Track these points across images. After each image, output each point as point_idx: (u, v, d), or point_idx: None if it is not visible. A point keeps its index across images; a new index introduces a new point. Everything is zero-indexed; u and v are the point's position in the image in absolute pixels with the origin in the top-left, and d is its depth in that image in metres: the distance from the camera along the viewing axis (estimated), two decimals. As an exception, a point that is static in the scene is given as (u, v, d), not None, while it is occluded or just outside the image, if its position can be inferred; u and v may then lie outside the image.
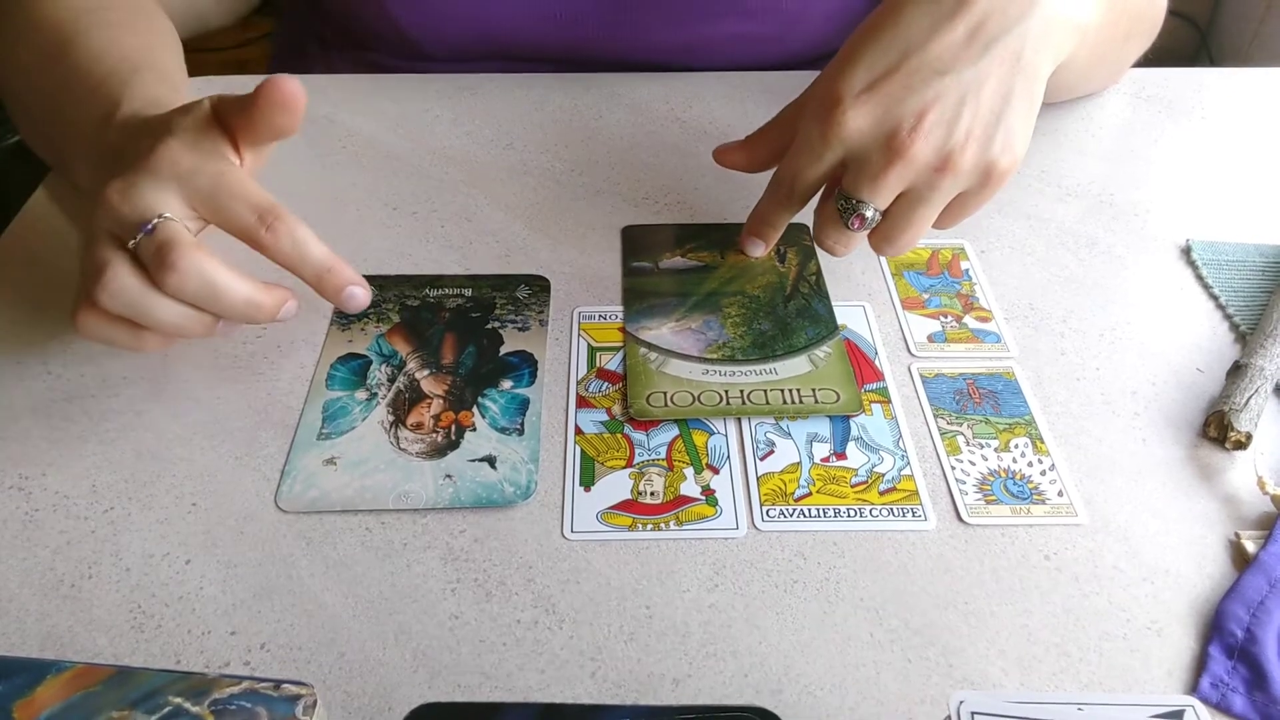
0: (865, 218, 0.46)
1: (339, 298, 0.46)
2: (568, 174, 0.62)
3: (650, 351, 0.50)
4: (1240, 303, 0.53)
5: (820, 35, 0.70)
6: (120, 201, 0.42)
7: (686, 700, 0.37)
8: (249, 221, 0.43)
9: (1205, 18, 1.62)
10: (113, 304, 0.42)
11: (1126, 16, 0.59)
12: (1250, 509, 0.44)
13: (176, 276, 0.41)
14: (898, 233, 0.47)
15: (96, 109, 0.49)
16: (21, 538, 0.42)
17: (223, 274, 0.42)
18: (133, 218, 0.42)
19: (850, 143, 0.45)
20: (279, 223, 0.43)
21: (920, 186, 0.45)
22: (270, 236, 0.43)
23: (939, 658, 0.38)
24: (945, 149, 0.44)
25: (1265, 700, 0.37)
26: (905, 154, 0.44)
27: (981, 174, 0.45)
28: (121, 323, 0.43)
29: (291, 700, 0.30)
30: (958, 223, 0.49)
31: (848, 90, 0.45)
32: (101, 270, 0.42)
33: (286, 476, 0.44)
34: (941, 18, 0.44)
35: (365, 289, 0.47)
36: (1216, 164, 0.64)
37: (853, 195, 0.46)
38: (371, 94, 0.69)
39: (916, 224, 0.47)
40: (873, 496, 0.44)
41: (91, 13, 0.56)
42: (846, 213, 0.47)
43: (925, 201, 0.46)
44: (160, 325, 0.43)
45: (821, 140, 0.46)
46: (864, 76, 0.44)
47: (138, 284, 0.42)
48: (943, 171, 0.44)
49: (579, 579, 0.41)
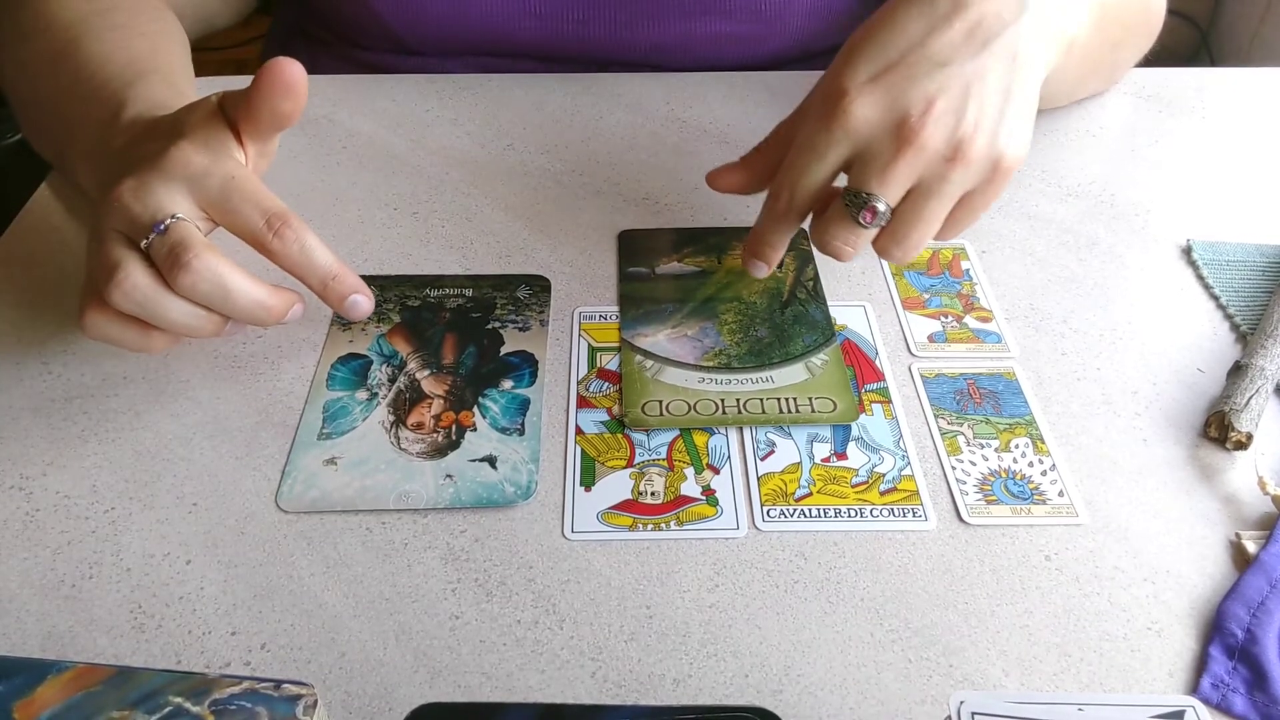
0: (877, 210, 0.44)
1: (342, 305, 0.46)
2: (568, 174, 0.62)
3: (645, 359, 0.50)
4: (1241, 303, 0.53)
5: (801, 33, 0.70)
6: (133, 201, 0.42)
7: (687, 700, 0.37)
8: (257, 226, 0.43)
9: (1205, 18, 1.62)
10: (125, 303, 0.42)
11: (1117, 25, 0.59)
12: (1251, 509, 0.44)
13: (190, 277, 0.41)
14: (907, 230, 0.45)
15: (101, 111, 0.50)
16: (22, 538, 0.42)
17: (235, 276, 0.43)
18: (145, 217, 0.42)
19: (858, 134, 0.44)
20: (287, 229, 0.44)
21: (930, 179, 0.44)
22: (278, 242, 0.44)
23: (939, 658, 0.38)
24: (955, 137, 0.43)
25: (1266, 701, 0.37)
26: (916, 140, 0.43)
27: (990, 166, 0.44)
28: (130, 322, 0.43)
29: (292, 700, 0.30)
30: (963, 228, 0.47)
31: (852, 83, 0.44)
32: (114, 270, 0.42)
33: (287, 476, 0.44)
34: (939, 19, 0.44)
35: (369, 298, 0.47)
36: (1217, 164, 0.64)
37: (862, 190, 0.44)
38: (371, 94, 0.69)
39: (927, 220, 0.45)
40: (873, 496, 0.44)
41: (98, 14, 0.56)
42: (856, 207, 0.45)
43: (935, 195, 0.44)
44: (171, 325, 0.43)
45: (826, 135, 0.44)
46: (867, 70, 0.44)
47: (150, 283, 0.42)
48: (953, 161, 0.43)
49: (579, 579, 0.41)
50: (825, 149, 0.45)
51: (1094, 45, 0.54)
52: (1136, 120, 0.68)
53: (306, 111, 0.66)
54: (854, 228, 0.45)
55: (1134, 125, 0.67)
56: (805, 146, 0.46)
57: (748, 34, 0.69)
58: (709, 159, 0.63)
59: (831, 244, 0.46)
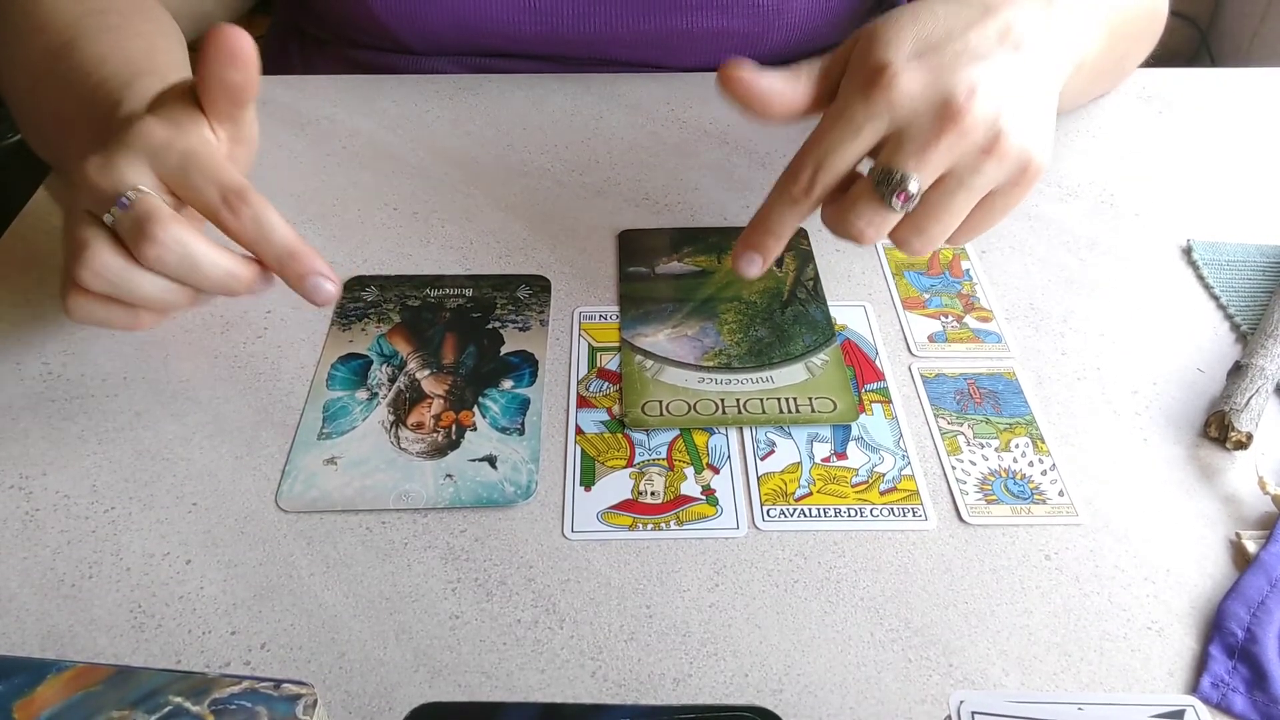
0: (910, 193, 0.42)
1: (303, 285, 0.43)
2: (568, 174, 0.62)
3: (646, 359, 0.50)
4: (1241, 303, 0.53)
5: (801, 29, 0.70)
6: (97, 176, 0.42)
7: (687, 700, 0.37)
8: (214, 200, 0.42)
9: (1205, 18, 1.62)
10: (96, 282, 0.41)
11: (1125, 39, 0.59)
12: (1251, 509, 0.44)
13: (155, 249, 0.41)
14: (931, 221, 0.43)
15: (97, 112, 0.49)
16: (22, 537, 0.42)
17: (201, 245, 0.42)
18: (108, 190, 0.42)
19: (900, 108, 0.42)
20: (242, 204, 0.42)
21: (963, 168, 0.42)
22: (233, 217, 0.42)
23: (939, 658, 0.38)
24: (995, 127, 0.42)
25: (1266, 700, 0.37)
26: (960, 122, 0.41)
27: (1019, 166, 0.43)
28: (111, 302, 0.43)
29: (292, 700, 0.30)
30: (980, 232, 0.45)
31: (895, 57, 0.42)
32: (81, 249, 0.41)
33: (287, 476, 0.44)
34: (973, 17, 0.43)
35: (334, 282, 0.44)
36: (1216, 164, 0.64)
37: (896, 169, 0.42)
38: (371, 94, 0.69)
39: (952, 211, 0.43)
40: (873, 496, 0.44)
41: (94, 15, 0.56)
42: (888, 187, 0.42)
43: (965, 186, 0.43)
44: (145, 300, 0.43)
45: (866, 107, 0.42)
46: (911, 48, 0.42)
47: (118, 260, 0.41)
48: (988, 153, 0.42)
49: (579, 579, 0.41)
50: (864, 121, 0.42)
51: (1102, 62, 0.55)
52: (1136, 120, 0.68)
53: (307, 112, 0.67)
54: (883, 209, 0.43)
55: (1134, 125, 0.67)
56: (840, 118, 0.43)
57: (747, 30, 0.69)
58: (709, 159, 0.63)
59: (855, 224, 0.43)
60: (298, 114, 0.67)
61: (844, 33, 0.47)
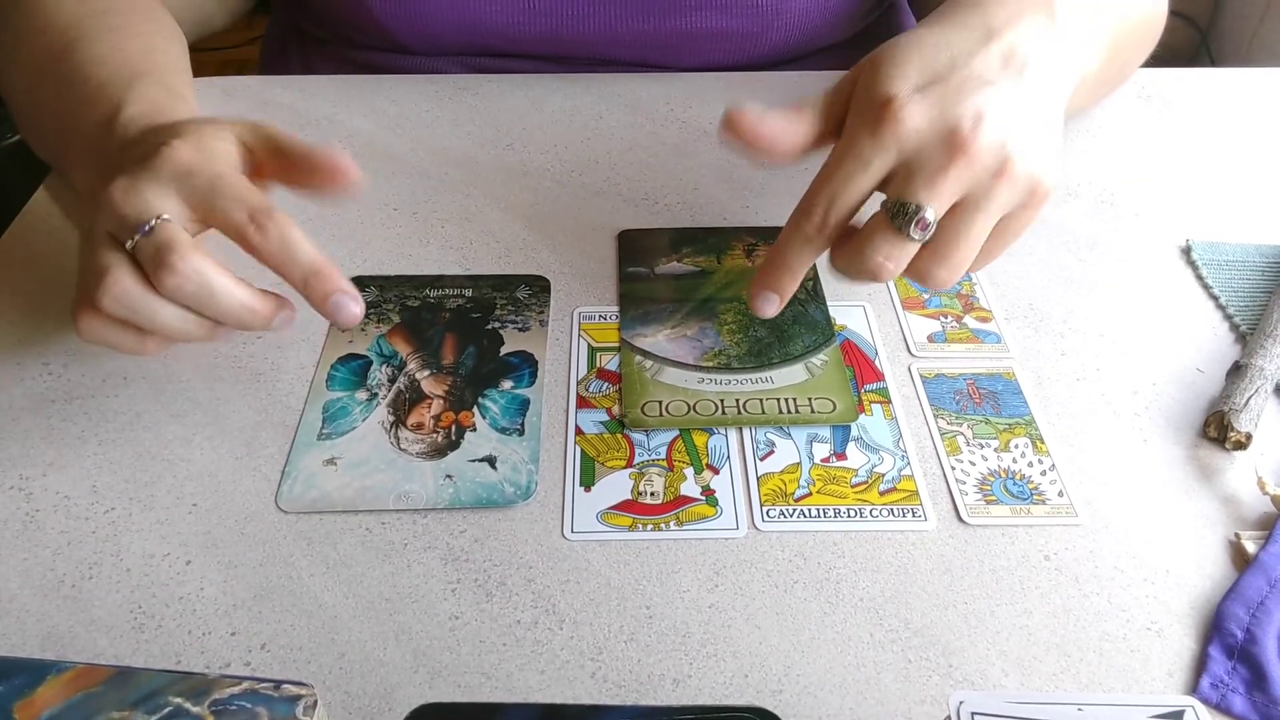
0: (927, 221, 0.41)
1: (325, 305, 0.44)
2: (567, 174, 0.62)
3: (645, 359, 0.50)
4: (1240, 303, 0.53)
5: (800, 30, 0.70)
6: (122, 201, 0.42)
7: (687, 700, 0.37)
8: (240, 219, 0.43)
9: (1205, 18, 1.62)
10: (115, 308, 0.42)
11: (1126, 49, 0.59)
12: (1250, 509, 0.44)
13: (174, 278, 0.41)
14: (951, 249, 0.43)
15: (97, 113, 0.49)
16: (22, 538, 0.42)
17: (220, 277, 0.42)
18: (132, 218, 0.42)
19: (908, 141, 0.42)
20: (269, 222, 0.43)
21: (977, 194, 0.42)
22: (259, 235, 0.43)
23: (939, 658, 0.38)
24: (1004, 153, 0.42)
25: (1265, 701, 0.37)
26: (968, 150, 0.41)
27: (1029, 189, 0.43)
28: (123, 326, 0.43)
29: (292, 700, 0.30)
30: (995, 256, 0.45)
31: (900, 89, 0.42)
32: (103, 274, 0.42)
33: (287, 477, 0.44)
34: (976, 42, 0.43)
35: (357, 302, 0.44)
36: (1216, 164, 0.64)
37: (909, 201, 0.42)
38: (371, 94, 0.69)
39: (971, 237, 0.43)
40: (873, 497, 0.44)
41: (95, 16, 0.56)
42: (904, 218, 0.42)
43: (981, 210, 0.42)
44: (161, 329, 0.43)
45: (874, 142, 0.42)
46: (914, 79, 0.43)
47: (138, 288, 0.42)
48: (1000, 177, 0.42)
49: (579, 579, 0.41)
50: (872, 156, 0.42)
51: (1103, 73, 0.55)
52: (1136, 120, 0.68)
53: (306, 112, 0.67)
54: (900, 241, 0.42)
55: (1134, 125, 0.67)
56: (849, 154, 0.43)
57: (746, 30, 0.69)
58: (709, 159, 0.63)
59: (873, 259, 0.42)
60: (298, 114, 0.67)
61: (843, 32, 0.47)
